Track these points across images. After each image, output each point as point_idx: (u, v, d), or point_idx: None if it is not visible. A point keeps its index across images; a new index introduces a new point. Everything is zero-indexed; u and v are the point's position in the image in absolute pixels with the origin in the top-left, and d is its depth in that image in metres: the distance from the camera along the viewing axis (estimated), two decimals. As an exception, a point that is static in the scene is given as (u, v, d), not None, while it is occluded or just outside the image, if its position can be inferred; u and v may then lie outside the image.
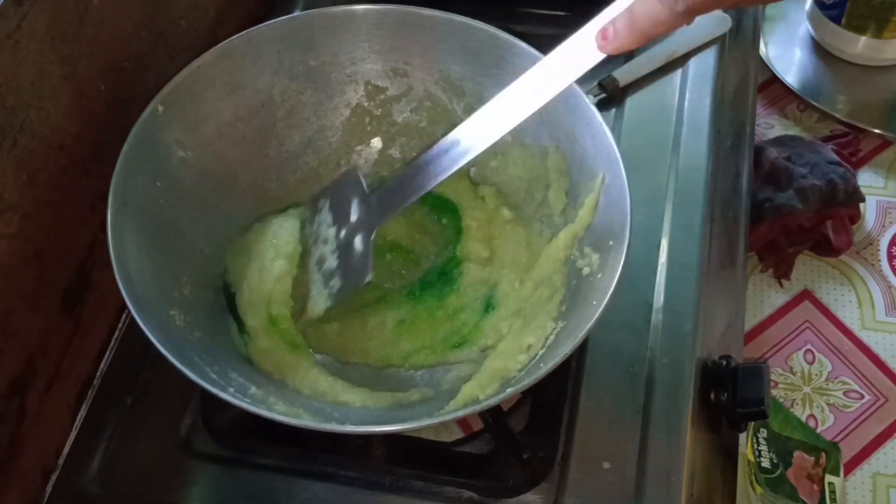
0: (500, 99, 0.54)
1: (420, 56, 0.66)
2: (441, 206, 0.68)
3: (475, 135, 0.55)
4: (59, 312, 0.62)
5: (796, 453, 0.89)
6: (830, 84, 1.18)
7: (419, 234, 0.69)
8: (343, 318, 0.65)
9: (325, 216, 0.63)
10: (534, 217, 0.65)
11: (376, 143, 0.69)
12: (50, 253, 0.60)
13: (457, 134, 0.56)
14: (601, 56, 0.50)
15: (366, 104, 0.68)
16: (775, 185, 1.03)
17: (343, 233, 0.61)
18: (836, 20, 1.15)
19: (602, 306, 0.52)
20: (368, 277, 0.59)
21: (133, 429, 0.63)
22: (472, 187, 0.68)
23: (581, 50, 0.50)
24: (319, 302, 0.61)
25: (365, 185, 0.62)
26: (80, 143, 0.61)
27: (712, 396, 0.64)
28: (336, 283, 0.60)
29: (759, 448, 0.87)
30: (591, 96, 0.76)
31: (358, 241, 0.60)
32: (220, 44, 0.63)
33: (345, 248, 0.60)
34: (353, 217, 0.61)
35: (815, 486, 0.89)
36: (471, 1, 0.71)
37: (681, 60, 0.79)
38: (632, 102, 0.77)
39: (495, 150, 0.66)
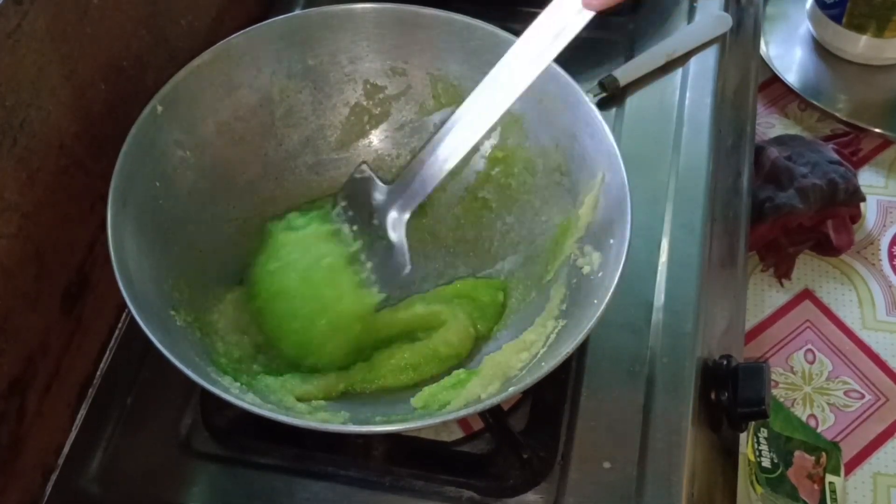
0: (493, 76, 0.56)
1: (419, 55, 0.66)
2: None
3: (477, 113, 0.57)
4: (59, 312, 0.62)
5: (797, 453, 0.89)
6: (831, 83, 1.19)
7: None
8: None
9: (343, 222, 0.63)
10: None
11: (375, 142, 0.69)
12: (50, 253, 0.60)
13: (458, 115, 0.58)
14: (585, 20, 0.53)
15: (364, 103, 0.68)
16: (776, 185, 1.03)
17: (368, 233, 0.61)
18: (837, 19, 1.15)
19: (603, 305, 0.52)
20: (407, 270, 0.60)
21: (133, 429, 0.63)
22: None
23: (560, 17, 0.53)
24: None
25: (377, 180, 0.63)
26: (79, 142, 0.61)
27: (713, 396, 0.64)
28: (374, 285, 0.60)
29: (760, 448, 0.87)
30: (592, 95, 0.76)
31: (391, 236, 0.60)
32: (219, 43, 0.62)
33: (372, 247, 0.61)
34: (376, 215, 0.61)
35: (816, 486, 0.88)
36: (470, 0, 0.71)
37: (681, 60, 0.79)
38: (632, 102, 0.77)
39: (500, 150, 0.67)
